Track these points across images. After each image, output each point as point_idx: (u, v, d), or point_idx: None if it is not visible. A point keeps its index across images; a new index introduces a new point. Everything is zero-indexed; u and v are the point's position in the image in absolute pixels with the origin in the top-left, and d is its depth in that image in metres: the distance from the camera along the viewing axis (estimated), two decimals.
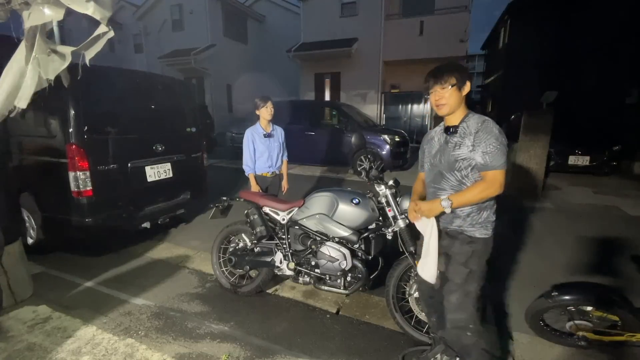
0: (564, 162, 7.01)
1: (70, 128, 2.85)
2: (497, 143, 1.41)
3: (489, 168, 1.42)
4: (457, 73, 1.46)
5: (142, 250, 3.47)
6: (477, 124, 1.46)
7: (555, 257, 3.36)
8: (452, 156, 1.51)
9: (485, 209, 1.54)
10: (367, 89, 12.41)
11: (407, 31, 11.68)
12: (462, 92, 1.48)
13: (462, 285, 1.54)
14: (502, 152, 1.42)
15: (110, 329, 2.20)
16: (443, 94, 1.48)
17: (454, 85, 1.46)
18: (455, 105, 1.49)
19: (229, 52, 15.10)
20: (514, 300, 2.57)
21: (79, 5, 1.49)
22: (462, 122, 1.51)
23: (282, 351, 2.03)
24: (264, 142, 3.13)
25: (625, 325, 1.81)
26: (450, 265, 1.58)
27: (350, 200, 2.26)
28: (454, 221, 1.57)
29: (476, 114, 1.52)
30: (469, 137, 1.47)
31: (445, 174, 1.55)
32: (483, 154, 1.42)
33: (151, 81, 3.79)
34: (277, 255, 2.50)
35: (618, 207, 5.00)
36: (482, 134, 1.43)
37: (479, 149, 1.43)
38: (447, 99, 1.48)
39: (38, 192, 3.19)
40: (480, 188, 1.43)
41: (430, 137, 1.71)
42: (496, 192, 1.43)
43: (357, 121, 7.83)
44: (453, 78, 1.46)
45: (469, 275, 1.53)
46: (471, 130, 1.47)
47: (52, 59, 1.69)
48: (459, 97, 1.48)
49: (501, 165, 1.41)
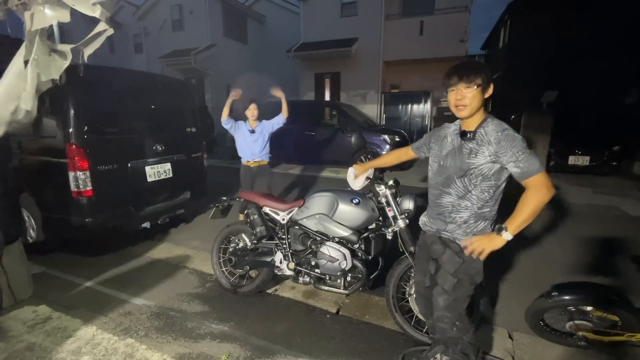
0: (564, 162, 7.01)
1: (70, 128, 2.85)
2: (525, 149, 1.33)
3: (528, 175, 1.33)
4: (484, 74, 1.37)
5: (142, 250, 3.47)
6: (497, 133, 1.37)
7: (555, 257, 3.36)
8: (466, 164, 1.43)
9: (484, 218, 1.49)
10: (367, 89, 12.41)
11: (407, 31, 11.68)
12: (485, 94, 1.40)
13: (449, 291, 1.54)
14: (533, 155, 1.34)
15: (110, 329, 2.20)
16: (466, 93, 1.39)
17: (479, 85, 1.36)
18: (476, 108, 1.41)
19: (229, 52, 15.09)
20: (514, 300, 2.57)
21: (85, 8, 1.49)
22: (480, 128, 1.43)
23: (282, 351, 2.03)
24: (245, 135, 3.59)
25: (625, 325, 1.81)
26: (439, 272, 1.58)
27: (350, 200, 2.26)
28: (447, 226, 1.55)
29: (495, 120, 1.43)
30: (487, 146, 1.38)
31: (454, 180, 1.48)
32: (516, 164, 1.33)
33: (151, 81, 3.79)
34: (277, 255, 2.50)
35: (618, 207, 4.99)
36: (506, 144, 1.34)
37: (508, 160, 1.35)
38: (470, 100, 1.38)
39: (38, 192, 3.19)
40: (531, 199, 1.33)
41: (444, 135, 1.60)
42: (548, 195, 1.32)
43: (357, 121, 7.83)
44: (480, 78, 1.36)
45: (457, 284, 1.52)
46: (490, 139, 1.38)
47: (54, 59, 1.68)
48: (481, 99, 1.39)
49: (539, 168, 1.32)
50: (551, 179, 1.36)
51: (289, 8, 16.15)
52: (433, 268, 1.64)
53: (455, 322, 1.56)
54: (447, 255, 1.54)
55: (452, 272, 1.52)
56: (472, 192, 1.46)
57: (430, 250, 1.68)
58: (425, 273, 1.74)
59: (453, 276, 1.52)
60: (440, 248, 1.58)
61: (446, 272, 1.54)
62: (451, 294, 1.53)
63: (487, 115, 1.46)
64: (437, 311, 1.59)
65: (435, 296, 1.59)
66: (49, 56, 1.68)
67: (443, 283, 1.55)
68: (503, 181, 1.44)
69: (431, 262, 1.67)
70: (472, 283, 1.54)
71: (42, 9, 1.55)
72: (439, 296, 1.57)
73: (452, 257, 1.52)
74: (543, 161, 5.23)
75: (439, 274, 1.58)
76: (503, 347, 2.07)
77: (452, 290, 1.53)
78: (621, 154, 6.88)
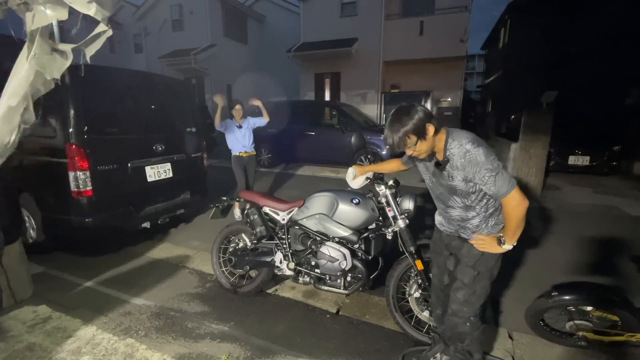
0: (564, 162, 7.01)
1: (70, 128, 2.85)
2: (489, 172, 1.34)
3: (500, 196, 1.38)
4: (412, 131, 1.36)
5: (142, 250, 3.47)
6: (461, 160, 1.39)
7: (555, 257, 3.36)
8: (449, 186, 1.50)
9: (491, 215, 1.54)
10: (367, 89, 12.42)
11: (407, 31, 11.69)
12: (427, 138, 1.39)
13: (469, 285, 1.57)
14: (501, 175, 1.35)
15: (110, 329, 2.20)
16: (411, 152, 1.44)
17: (415, 143, 1.39)
18: (429, 149, 1.44)
19: (229, 52, 15.09)
20: (514, 300, 2.57)
21: (80, 5, 1.49)
22: (447, 152, 1.43)
23: (282, 351, 2.03)
24: (234, 131, 4.20)
25: (625, 325, 1.81)
26: (459, 266, 1.61)
27: (350, 200, 2.26)
28: (465, 232, 1.59)
29: (455, 139, 1.41)
30: (457, 171, 1.42)
31: (450, 198, 1.55)
32: (487, 187, 1.38)
33: (151, 81, 3.79)
34: (277, 255, 2.50)
35: (618, 207, 5.00)
36: (471, 169, 1.37)
37: (477, 182, 1.39)
38: (419, 152, 1.43)
39: (38, 192, 3.19)
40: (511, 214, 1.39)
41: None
42: (523, 207, 1.37)
43: (357, 121, 7.83)
44: (410, 140, 1.38)
45: (477, 277, 1.56)
46: (457, 165, 1.41)
47: (55, 58, 1.68)
48: (427, 143, 1.40)
49: (510, 188, 1.35)
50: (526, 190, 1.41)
51: (289, 8, 16.16)
52: (452, 264, 1.68)
53: (470, 317, 1.58)
54: (467, 248, 1.58)
55: (472, 265, 1.55)
56: (473, 204, 1.51)
57: (448, 247, 1.72)
58: (439, 266, 1.79)
59: (473, 269, 1.55)
60: (459, 243, 1.63)
61: (466, 265, 1.57)
62: (470, 287, 1.56)
63: (446, 134, 1.44)
64: (454, 305, 1.60)
65: (454, 292, 1.61)
66: (51, 55, 1.68)
67: (463, 277, 1.58)
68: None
69: (449, 258, 1.71)
70: (491, 277, 1.58)
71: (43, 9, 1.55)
72: (458, 291, 1.59)
73: (471, 250, 1.56)
74: (542, 161, 5.22)
75: (458, 268, 1.62)
76: (503, 347, 2.07)
77: (472, 284, 1.56)
78: (621, 154, 6.88)
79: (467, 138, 1.40)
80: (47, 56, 1.65)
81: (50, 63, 1.67)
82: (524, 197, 1.37)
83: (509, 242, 1.46)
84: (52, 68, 1.67)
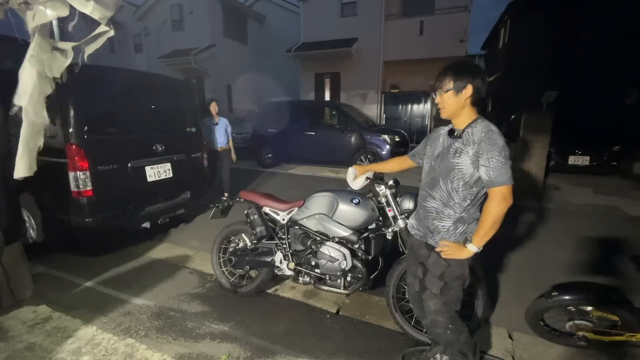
0: (564, 162, 7.00)
1: (70, 128, 2.85)
2: (500, 157, 1.33)
3: (494, 184, 1.34)
4: (454, 76, 1.41)
5: (142, 250, 3.47)
6: (482, 134, 1.37)
7: (555, 257, 3.35)
8: (451, 163, 1.45)
9: (462, 222, 1.49)
10: (367, 89, 12.42)
11: (407, 31, 11.70)
12: (459, 96, 1.41)
13: (438, 295, 1.55)
14: (507, 166, 1.33)
15: (110, 329, 2.20)
16: (439, 98, 1.47)
17: (449, 90, 1.42)
18: (454, 110, 1.45)
19: (229, 52, 15.09)
20: (514, 300, 2.57)
21: (78, 4, 1.50)
22: (468, 128, 1.43)
23: (282, 351, 2.03)
24: (211, 129, 4.95)
25: (625, 325, 1.81)
26: (427, 275, 1.59)
27: (350, 200, 2.26)
28: (432, 234, 1.55)
29: (484, 121, 1.43)
30: (472, 146, 1.39)
31: (439, 182, 1.50)
32: (487, 170, 1.35)
33: (151, 81, 3.79)
34: (277, 255, 2.50)
35: (618, 207, 4.99)
36: (485, 146, 1.35)
37: (482, 163, 1.36)
38: (444, 103, 1.46)
39: (38, 192, 3.19)
40: (492, 209, 1.35)
41: (437, 136, 1.61)
42: (506, 204, 1.35)
43: (357, 121, 7.83)
44: (447, 83, 1.42)
45: (444, 287, 1.54)
46: (474, 139, 1.39)
47: (55, 57, 1.69)
48: (456, 101, 1.42)
49: (507, 181, 1.33)
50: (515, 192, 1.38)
51: (289, 8, 16.16)
52: (421, 272, 1.66)
53: (448, 325, 1.56)
54: (433, 258, 1.55)
55: (439, 276, 1.53)
56: (455, 200, 1.47)
57: (417, 254, 1.69)
58: (415, 275, 1.75)
59: (439, 279, 1.53)
60: (426, 252, 1.61)
61: (433, 276, 1.55)
62: (440, 297, 1.54)
63: (478, 116, 1.46)
64: (430, 315, 1.60)
65: (426, 300, 1.60)
66: (51, 53, 1.68)
67: (431, 287, 1.57)
68: (483, 188, 1.44)
69: (419, 266, 1.68)
70: (461, 285, 1.54)
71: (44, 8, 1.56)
72: (429, 300, 1.58)
73: (437, 261, 1.53)
74: (542, 161, 5.22)
75: (426, 277, 1.60)
76: (503, 347, 2.07)
77: (441, 294, 1.54)
78: (621, 154, 6.88)
79: (495, 127, 1.42)
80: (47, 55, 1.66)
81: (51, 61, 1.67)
82: (511, 197, 1.35)
83: (475, 243, 1.41)
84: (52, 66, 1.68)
